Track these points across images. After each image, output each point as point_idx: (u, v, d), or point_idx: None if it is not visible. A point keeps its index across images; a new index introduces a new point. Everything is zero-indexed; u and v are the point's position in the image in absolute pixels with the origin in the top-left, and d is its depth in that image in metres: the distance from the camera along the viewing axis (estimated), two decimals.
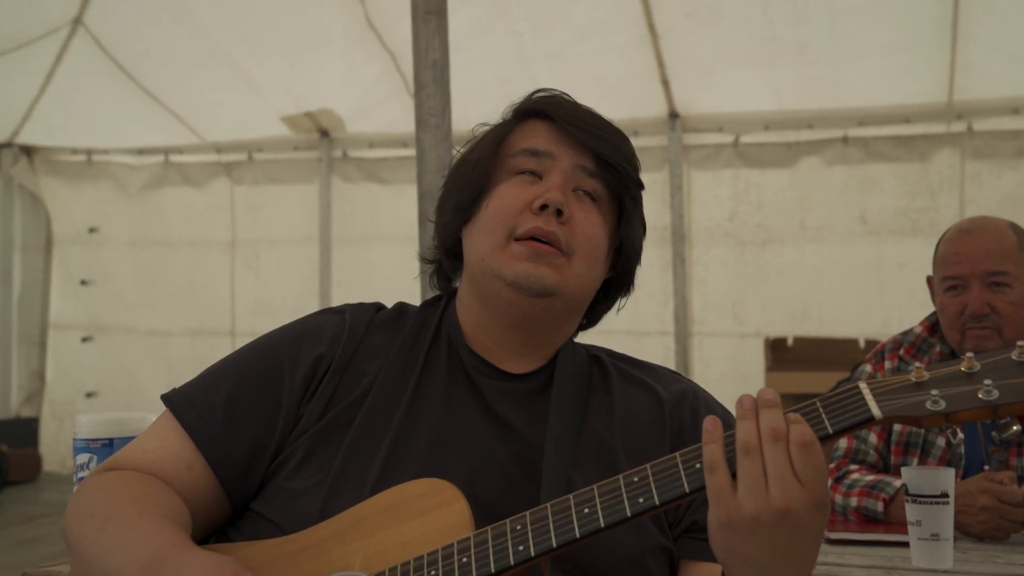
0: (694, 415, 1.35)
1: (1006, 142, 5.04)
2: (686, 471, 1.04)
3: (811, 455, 0.97)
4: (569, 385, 1.34)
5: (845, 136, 5.32)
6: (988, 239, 2.28)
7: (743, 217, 5.45)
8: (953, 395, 0.97)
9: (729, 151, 5.47)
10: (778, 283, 5.43)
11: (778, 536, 0.97)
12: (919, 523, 1.85)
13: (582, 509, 1.07)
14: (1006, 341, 2.23)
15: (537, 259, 1.26)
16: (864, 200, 5.32)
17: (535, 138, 1.31)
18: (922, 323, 2.42)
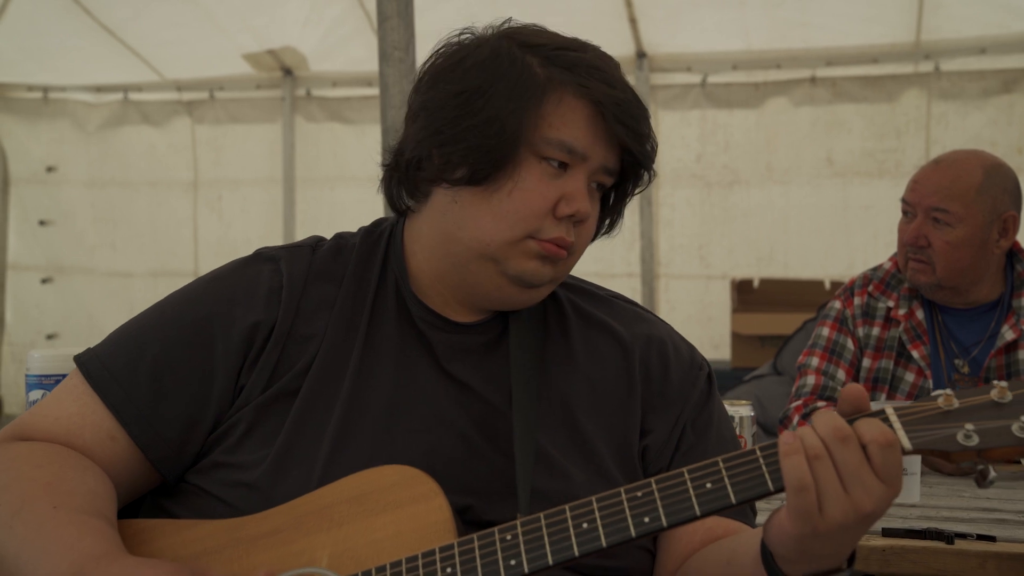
0: (663, 362, 1.29)
1: (972, 83, 5.04)
2: (695, 491, 1.00)
3: (892, 454, 0.95)
4: (525, 336, 1.26)
5: (813, 76, 5.29)
6: (947, 175, 2.28)
7: (710, 158, 5.43)
8: (987, 429, 0.94)
9: (697, 91, 5.43)
10: (744, 225, 5.43)
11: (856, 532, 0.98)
12: None
13: (580, 524, 1.01)
14: (939, 278, 2.25)
15: (546, 261, 1.20)
16: (831, 141, 5.31)
17: (574, 130, 1.18)
18: (891, 259, 2.43)
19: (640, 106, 1.22)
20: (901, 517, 1.73)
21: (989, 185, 2.29)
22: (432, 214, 1.25)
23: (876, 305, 2.36)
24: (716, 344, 5.16)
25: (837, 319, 2.39)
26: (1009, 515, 1.73)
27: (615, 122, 1.18)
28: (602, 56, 1.23)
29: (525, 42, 1.21)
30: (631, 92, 1.22)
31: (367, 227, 1.34)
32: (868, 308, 2.37)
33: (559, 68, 1.19)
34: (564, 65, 1.19)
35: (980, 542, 1.57)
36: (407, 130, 1.26)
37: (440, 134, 1.19)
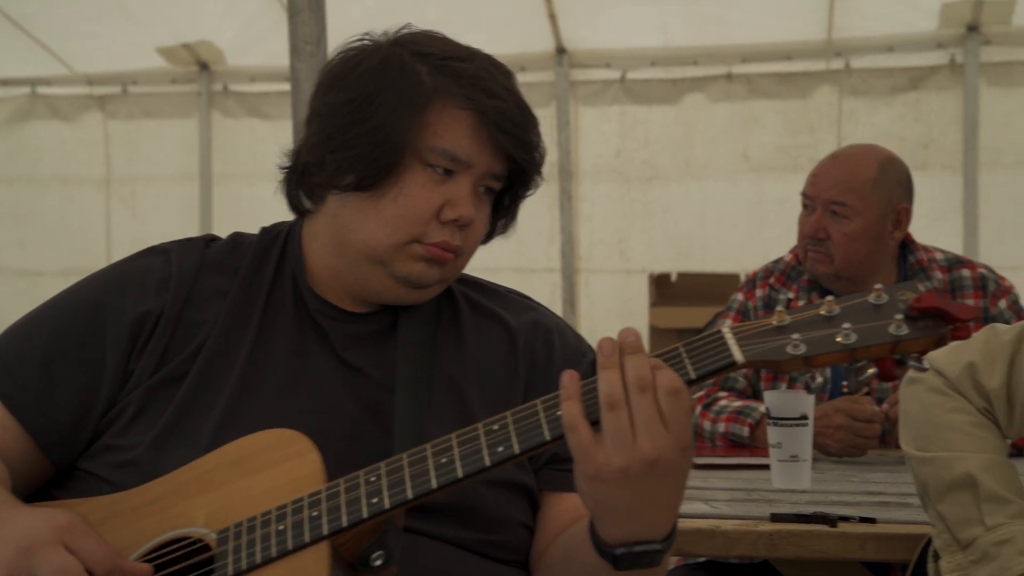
0: (547, 347, 1.33)
1: (881, 79, 5.16)
2: (547, 419, 1.03)
3: (680, 400, 0.96)
4: (416, 323, 1.30)
5: (729, 73, 5.37)
6: (844, 169, 2.33)
7: (629, 154, 5.47)
8: (813, 339, 0.97)
9: (616, 87, 5.48)
10: (663, 220, 5.49)
11: (647, 483, 0.97)
12: (779, 445, 1.90)
13: (439, 459, 1.05)
14: (837, 269, 2.30)
15: (433, 263, 1.24)
16: (747, 137, 5.39)
17: (458, 139, 1.21)
18: (792, 251, 2.48)
19: (525, 115, 1.26)
20: (791, 503, 1.76)
21: (884, 179, 2.35)
22: (326, 217, 1.29)
23: (777, 297, 2.41)
24: None
25: (739, 311, 2.43)
26: (892, 497, 1.78)
27: (498, 132, 1.22)
28: (489, 66, 1.26)
29: (416, 50, 1.25)
30: (516, 101, 1.25)
31: (266, 227, 1.38)
32: (769, 300, 2.41)
33: (446, 77, 1.23)
34: (450, 74, 1.23)
35: (862, 524, 1.61)
36: (305, 134, 1.29)
37: (331, 140, 1.23)
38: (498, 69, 1.26)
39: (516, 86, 1.27)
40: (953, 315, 0.95)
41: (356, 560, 1.08)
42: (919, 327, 0.96)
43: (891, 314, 0.97)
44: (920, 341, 0.96)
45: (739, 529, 1.62)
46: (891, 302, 0.98)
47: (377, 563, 1.07)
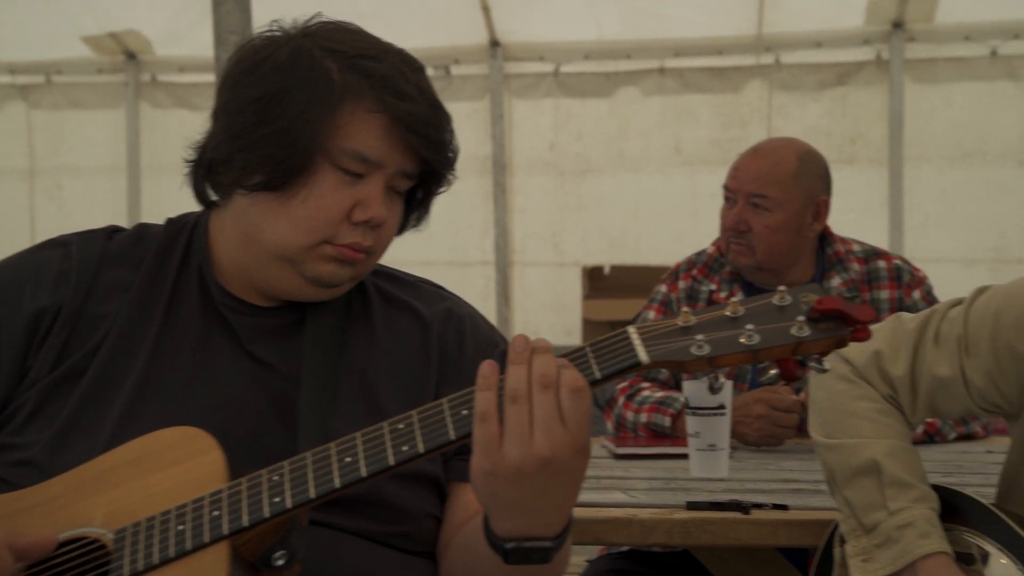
0: (459, 336, 1.32)
1: (810, 75, 5.23)
2: (453, 418, 1.02)
3: (580, 400, 0.96)
4: (325, 316, 1.28)
5: (662, 67, 5.41)
6: (764, 162, 2.36)
7: (563, 147, 5.49)
8: (717, 340, 0.97)
9: (550, 80, 5.49)
10: (597, 212, 5.51)
11: (540, 481, 0.97)
12: (698, 434, 1.91)
13: (343, 458, 1.04)
14: (759, 261, 2.33)
15: (344, 264, 1.22)
16: (680, 131, 5.43)
17: (369, 142, 1.19)
18: (714, 243, 2.50)
19: (438, 114, 1.24)
20: (708, 491, 1.78)
21: (804, 172, 2.38)
22: (234, 213, 1.26)
23: (699, 288, 2.43)
24: (569, 330, 5.23)
25: (663, 302, 2.45)
26: (805, 484, 1.80)
27: (409, 133, 1.20)
28: (401, 64, 1.23)
29: (327, 45, 1.22)
30: (428, 100, 1.23)
31: (172, 217, 1.35)
32: (692, 291, 2.43)
33: (356, 77, 1.20)
34: (362, 74, 1.20)
35: (774, 511, 1.64)
36: (211, 128, 1.26)
37: (239, 139, 1.20)
38: (410, 67, 1.24)
39: (428, 83, 1.26)
40: (853, 317, 0.96)
41: (258, 560, 1.06)
42: (820, 329, 0.97)
43: (793, 316, 0.97)
44: (821, 342, 0.97)
45: (655, 518, 1.63)
46: (794, 304, 0.98)
47: (279, 563, 1.06)
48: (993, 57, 4.97)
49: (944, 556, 1.30)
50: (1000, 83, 5.01)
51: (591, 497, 1.74)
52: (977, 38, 4.98)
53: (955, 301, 1.40)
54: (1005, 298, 1.33)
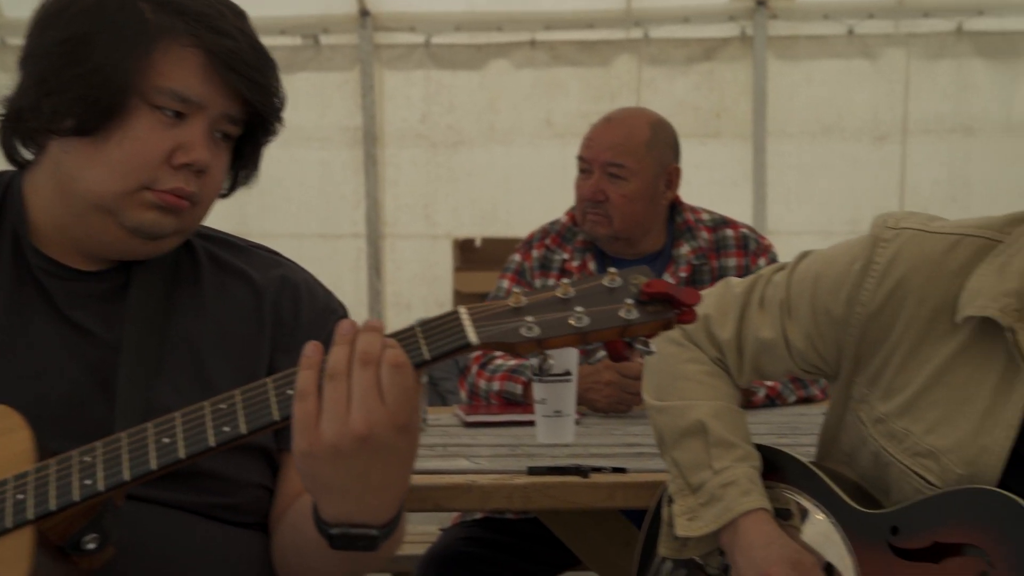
0: (295, 304, 1.29)
1: (677, 50, 5.30)
2: (277, 398, 1.00)
3: (401, 376, 0.94)
4: (151, 281, 1.24)
5: (533, 40, 5.40)
6: (618, 132, 2.39)
7: (435, 119, 5.45)
8: (547, 322, 0.97)
9: (421, 52, 5.43)
10: (468, 185, 5.50)
11: (359, 462, 0.95)
12: (544, 401, 1.93)
13: (161, 439, 1.00)
14: (616, 230, 2.37)
15: (166, 212, 1.18)
16: (550, 103, 5.45)
17: (187, 80, 1.16)
18: (568, 213, 2.52)
19: (260, 57, 1.21)
20: (552, 456, 1.80)
21: (656, 140, 2.42)
22: (48, 166, 1.21)
23: (553, 257, 2.45)
24: (441, 303, 5.22)
25: (516, 271, 2.46)
26: (647, 448, 1.84)
27: (229, 71, 1.17)
28: (218, 3, 1.21)
29: None
30: (249, 42, 1.20)
31: None
32: (545, 260, 2.45)
33: (170, 15, 1.17)
34: (175, 11, 1.17)
35: (613, 474, 1.67)
36: (19, 78, 1.20)
37: (46, 83, 1.15)
38: (228, 8, 1.21)
39: (251, 28, 1.23)
40: (680, 300, 0.98)
41: (67, 544, 1.02)
42: (648, 311, 0.98)
43: (622, 298, 0.98)
44: (648, 325, 0.98)
45: (495, 483, 1.64)
46: (624, 286, 0.99)
47: (90, 546, 1.02)
48: (850, 36, 5.12)
49: (763, 512, 1.34)
50: (856, 61, 5.17)
51: (434, 464, 1.74)
52: (835, 17, 5.12)
53: (779, 266, 1.44)
54: (824, 263, 1.37)
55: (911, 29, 5.05)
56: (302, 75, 5.30)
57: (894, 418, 1.30)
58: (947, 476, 1.25)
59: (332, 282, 1.42)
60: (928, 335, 1.27)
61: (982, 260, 1.25)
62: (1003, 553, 1.16)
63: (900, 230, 1.31)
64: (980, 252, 1.26)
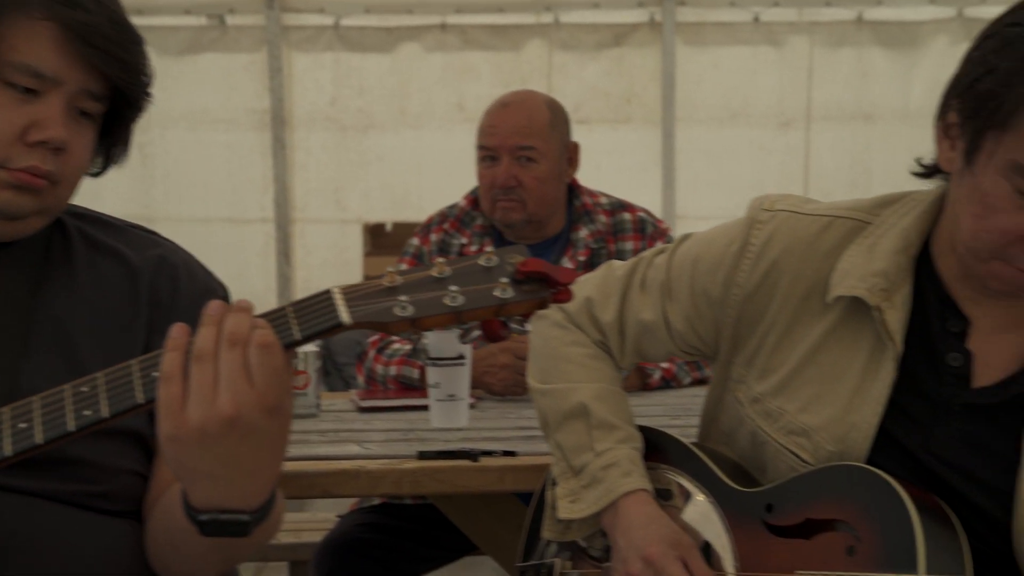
0: (173, 284, 1.26)
1: (588, 35, 5.32)
2: (142, 380, 0.96)
3: (269, 356, 0.92)
4: (17, 260, 1.20)
5: (443, 23, 5.37)
6: (521, 114, 2.38)
7: (344, 102, 5.39)
8: (421, 301, 0.96)
9: (330, 34, 5.36)
10: (379, 169, 5.45)
11: (227, 445, 0.93)
12: (438, 385, 1.93)
13: (17, 424, 0.96)
14: (530, 214, 2.36)
15: (23, 191, 1.14)
16: (462, 87, 5.42)
17: (39, 53, 1.12)
18: (466, 197, 2.51)
19: (122, 31, 1.18)
20: (445, 441, 1.80)
21: (556, 119, 2.43)
22: None
23: (451, 242, 2.44)
24: None
25: (415, 255, 2.45)
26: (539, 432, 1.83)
27: (86, 46, 1.14)
28: None
29: None
30: (109, 15, 1.17)
31: None
32: (444, 245, 2.44)
33: None
34: None
35: (503, 458, 1.67)
36: None
37: None
38: (121, 27, 1.18)
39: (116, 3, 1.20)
40: (555, 279, 0.97)
41: None
42: (523, 290, 0.97)
43: (498, 277, 0.97)
44: (523, 304, 0.98)
45: (383, 468, 1.63)
46: (500, 265, 0.98)
47: None
48: (756, 23, 5.19)
49: (644, 493, 1.35)
50: (762, 48, 5.24)
51: (324, 450, 1.73)
52: (742, 4, 5.18)
53: (660, 249, 1.45)
54: (703, 245, 1.39)
55: (814, 17, 5.14)
56: (208, 56, 5.20)
57: (769, 397, 1.31)
58: (819, 453, 1.27)
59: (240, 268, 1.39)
60: (801, 315, 1.29)
61: (852, 241, 1.28)
62: (869, 527, 1.18)
63: (775, 212, 1.33)
64: (850, 233, 1.28)
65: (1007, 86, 1.09)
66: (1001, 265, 1.14)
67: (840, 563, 1.20)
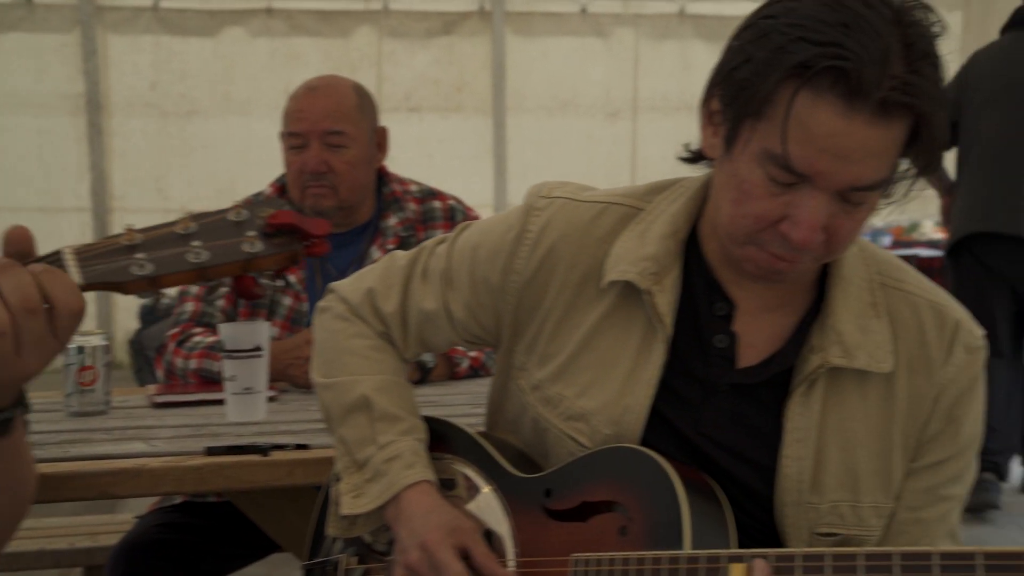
0: None
1: (418, 23, 5.30)
2: None
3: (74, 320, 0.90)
4: None
5: (269, 8, 5.26)
6: (330, 99, 2.33)
7: (165, 87, 5.22)
8: (161, 258, 0.92)
9: (149, 16, 5.18)
10: (204, 156, 5.31)
11: None
12: (234, 378, 1.87)
13: None
14: (341, 200, 2.32)
15: None
16: (289, 74, 5.31)
17: None
18: (272, 184, 2.45)
19: None
20: (239, 435, 1.74)
21: (364, 103, 2.39)
22: None
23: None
24: None
25: None
26: None
27: None
28: None
29: None
30: None
31: None
32: None
33: None
34: None
35: (294, 451, 1.63)
36: None
37: None
38: None
39: None
40: (306, 231, 0.95)
41: None
42: (273, 244, 0.95)
43: (246, 231, 0.94)
44: (274, 258, 0.95)
45: (166, 466, 1.57)
46: (250, 219, 0.96)
47: None
48: (583, 14, 5.27)
49: (426, 484, 1.34)
50: (590, 39, 5.33)
51: (105, 449, 1.65)
52: None
53: (442, 238, 1.43)
54: (482, 233, 1.38)
55: (639, 10, 5.26)
56: (14, 35, 4.96)
57: (549, 384, 1.32)
58: (596, 437, 1.28)
59: None
60: (578, 301, 1.30)
61: (625, 227, 1.29)
62: (639, 506, 1.20)
63: (552, 199, 1.33)
64: (623, 219, 1.30)
65: (761, 75, 1.12)
66: (755, 250, 1.17)
67: (613, 543, 1.21)
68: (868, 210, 1.17)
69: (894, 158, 1.13)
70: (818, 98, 1.08)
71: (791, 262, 1.17)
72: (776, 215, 1.14)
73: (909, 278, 1.29)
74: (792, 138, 1.10)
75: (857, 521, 1.25)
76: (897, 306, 1.26)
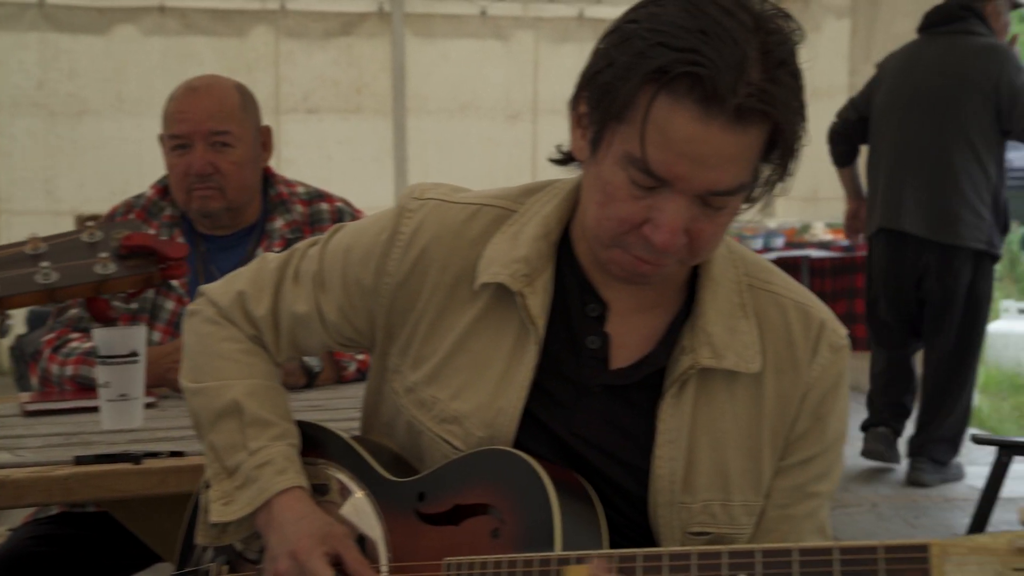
0: None
1: (316, 23, 5.24)
2: None
3: None
4: None
5: (162, 6, 5.14)
6: (213, 99, 2.29)
7: (53, 86, 5.07)
8: (7, 279, 0.89)
9: (34, 12, 5.02)
10: (95, 158, 5.17)
11: None
12: (108, 384, 1.82)
13: None
14: (229, 201, 2.27)
15: None
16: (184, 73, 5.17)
17: None
18: (153, 186, 2.39)
19: None
20: (112, 443, 1.69)
21: (246, 102, 2.35)
22: None
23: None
24: None
25: None
26: None
27: None
28: None
29: None
30: None
31: None
32: None
33: None
34: None
35: (168, 459, 1.59)
36: None
37: None
38: None
39: None
40: (164, 254, 0.93)
41: None
42: (128, 266, 0.93)
43: (99, 252, 0.92)
44: (129, 280, 0.93)
45: (31, 477, 1.51)
46: (104, 240, 0.93)
47: None
48: (483, 17, 5.28)
49: (298, 490, 1.31)
50: (490, 42, 5.34)
51: None
52: None
53: (314, 240, 1.41)
54: (354, 235, 1.36)
55: (538, 13, 5.28)
56: None
57: (423, 386, 1.31)
58: (469, 440, 1.27)
59: None
60: (451, 303, 1.29)
61: (498, 229, 1.29)
62: (510, 507, 1.20)
63: (425, 200, 1.32)
64: (496, 221, 1.30)
65: (623, 79, 1.12)
66: (620, 252, 1.18)
67: (486, 546, 1.20)
68: (730, 214, 1.18)
69: (753, 163, 1.15)
70: (675, 103, 1.09)
71: (655, 265, 1.18)
72: (639, 218, 1.15)
73: (776, 279, 1.31)
74: (651, 142, 1.11)
75: (728, 520, 1.26)
76: (765, 307, 1.28)
